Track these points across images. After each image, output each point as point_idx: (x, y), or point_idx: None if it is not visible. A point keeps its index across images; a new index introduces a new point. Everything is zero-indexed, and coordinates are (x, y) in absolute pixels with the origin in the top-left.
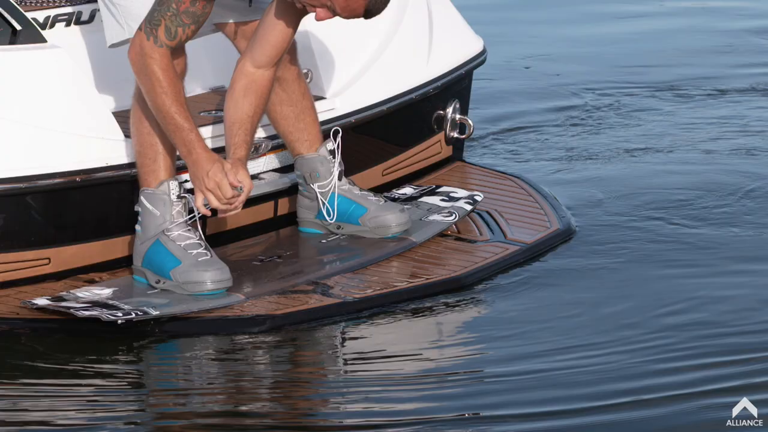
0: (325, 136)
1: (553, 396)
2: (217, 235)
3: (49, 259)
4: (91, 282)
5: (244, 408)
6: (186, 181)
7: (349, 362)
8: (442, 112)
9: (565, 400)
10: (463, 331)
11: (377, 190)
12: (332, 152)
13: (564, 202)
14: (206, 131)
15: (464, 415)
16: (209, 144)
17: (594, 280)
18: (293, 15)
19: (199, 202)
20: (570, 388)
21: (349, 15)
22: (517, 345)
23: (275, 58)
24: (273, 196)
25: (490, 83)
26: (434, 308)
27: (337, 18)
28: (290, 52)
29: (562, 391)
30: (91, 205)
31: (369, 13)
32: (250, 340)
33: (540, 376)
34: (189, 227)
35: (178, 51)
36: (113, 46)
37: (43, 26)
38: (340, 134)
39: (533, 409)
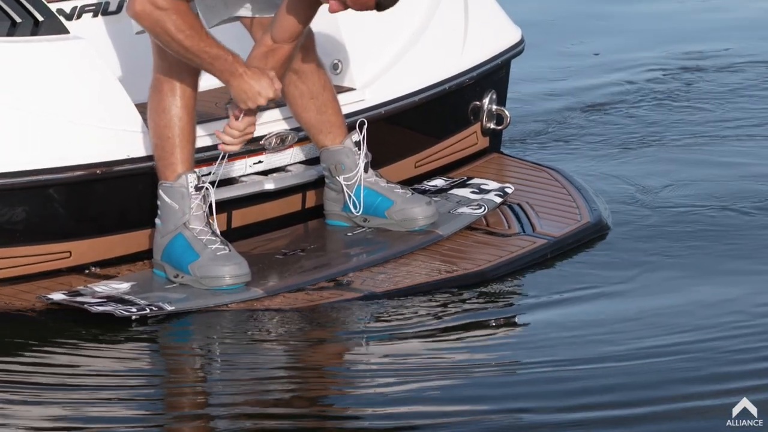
0: (351, 127)
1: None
2: (245, 228)
3: (69, 252)
4: (109, 277)
5: (262, 398)
6: (205, 174)
7: (371, 356)
8: (478, 102)
9: (579, 397)
10: (486, 328)
11: (410, 182)
12: (358, 144)
13: (611, 192)
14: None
15: (493, 409)
16: None
17: (624, 277)
18: (308, 3)
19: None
20: (578, 385)
21: (361, 8)
22: (541, 342)
23: (292, 37)
24: (300, 189)
25: (551, 71)
26: (459, 301)
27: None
28: (308, 45)
29: (573, 388)
30: (113, 198)
31: (380, 6)
32: (270, 332)
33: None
34: (208, 221)
35: None
36: (140, 33)
37: (70, 17)
38: (365, 126)
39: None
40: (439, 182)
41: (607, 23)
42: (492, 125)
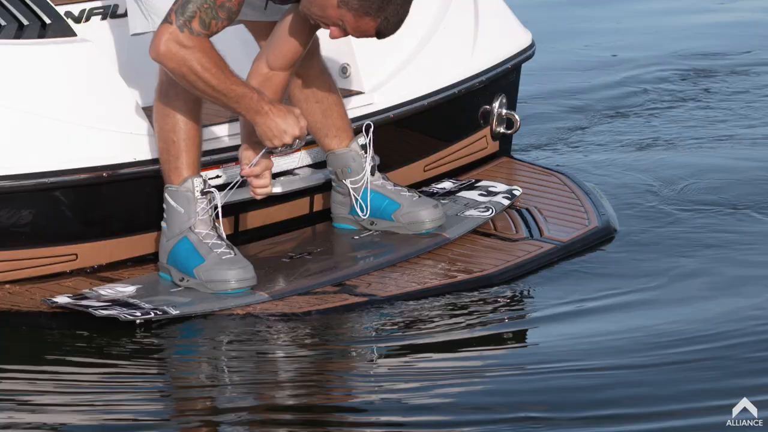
0: (359, 131)
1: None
2: (253, 231)
3: (76, 254)
4: (114, 280)
5: (268, 403)
6: (214, 177)
7: (378, 361)
8: (488, 106)
9: (579, 407)
10: (492, 333)
11: (419, 185)
12: (364, 147)
13: (623, 195)
14: (232, 128)
15: (501, 417)
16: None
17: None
18: (306, 28)
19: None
20: (583, 392)
21: (360, 35)
22: (548, 348)
23: (289, 64)
24: (308, 192)
25: (562, 74)
26: (466, 306)
27: None
28: (312, 49)
29: (573, 395)
30: (119, 201)
31: (380, 34)
32: (276, 336)
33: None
34: (214, 225)
35: None
36: (136, 35)
37: (78, 19)
38: (371, 129)
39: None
40: (447, 184)
41: (619, 25)
42: (502, 129)
